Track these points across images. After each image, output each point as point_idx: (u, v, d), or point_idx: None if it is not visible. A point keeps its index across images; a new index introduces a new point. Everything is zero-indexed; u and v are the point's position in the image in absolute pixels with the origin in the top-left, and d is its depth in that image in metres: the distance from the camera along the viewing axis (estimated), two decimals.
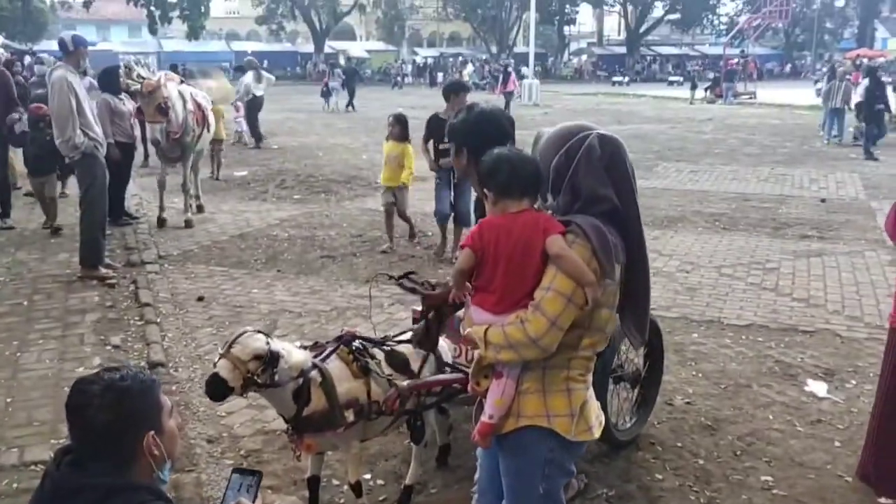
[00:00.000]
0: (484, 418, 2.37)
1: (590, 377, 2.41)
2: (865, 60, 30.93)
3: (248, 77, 16.29)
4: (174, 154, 9.07)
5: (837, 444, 4.22)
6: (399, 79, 47.49)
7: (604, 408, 3.63)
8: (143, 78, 8.25)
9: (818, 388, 4.94)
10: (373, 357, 3.18)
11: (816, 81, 26.28)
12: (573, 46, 70.47)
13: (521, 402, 2.34)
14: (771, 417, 4.54)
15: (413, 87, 45.12)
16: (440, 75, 47.88)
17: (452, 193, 7.86)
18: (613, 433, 3.96)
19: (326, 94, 28.66)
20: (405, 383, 3.12)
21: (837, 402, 4.75)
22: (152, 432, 1.78)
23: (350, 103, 28.12)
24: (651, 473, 3.92)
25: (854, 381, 5.04)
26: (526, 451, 2.37)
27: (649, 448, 4.16)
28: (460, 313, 2.42)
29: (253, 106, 16.45)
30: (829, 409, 4.66)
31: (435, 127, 7.66)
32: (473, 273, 2.36)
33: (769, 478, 3.88)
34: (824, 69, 27.70)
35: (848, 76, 18.99)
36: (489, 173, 2.35)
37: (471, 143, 2.96)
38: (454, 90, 7.74)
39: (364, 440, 3.31)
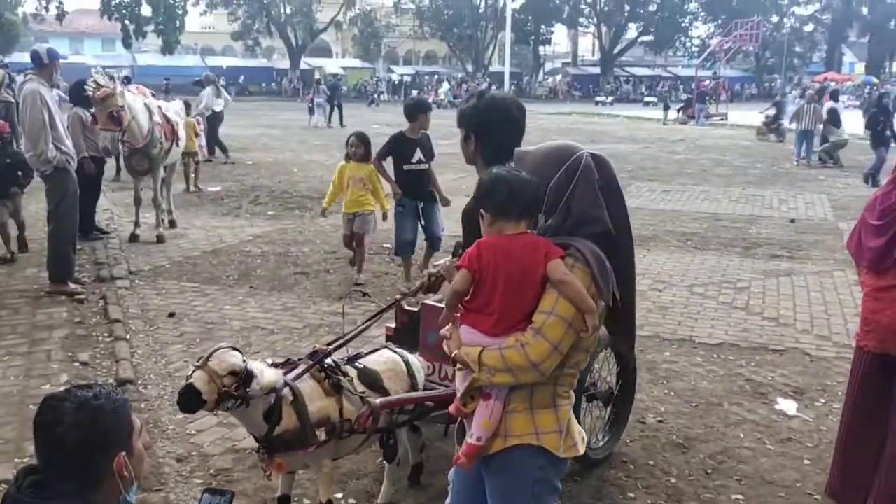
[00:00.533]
0: (471, 440, 2.33)
1: (573, 393, 2.42)
2: (832, 84, 31.55)
3: (207, 92, 16.21)
4: (142, 167, 8.98)
5: (807, 462, 4.26)
6: (375, 96, 47.58)
7: None
8: (101, 85, 8.10)
9: (788, 406, 4.98)
10: (345, 374, 3.16)
11: (766, 109, 26.83)
12: (548, 66, 71.14)
13: (509, 422, 2.32)
14: (742, 436, 4.57)
15: (389, 104, 45.18)
16: (415, 93, 48.07)
17: (421, 221, 7.40)
18: (587, 452, 3.95)
19: (312, 110, 28.79)
20: (378, 401, 3.11)
21: (807, 420, 4.80)
22: (123, 453, 1.74)
23: (340, 119, 28.33)
24: (623, 492, 3.92)
25: (823, 400, 5.09)
26: (515, 470, 2.36)
27: (622, 466, 4.17)
28: (445, 331, 2.37)
29: (213, 121, 16.39)
30: (799, 427, 4.71)
31: (401, 146, 7.27)
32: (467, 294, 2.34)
33: (740, 496, 3.90)
34: (794, 92, 28.21)
35: (817, 100, 19.37)
36: (487, 193, 2.32)
37: (479, 129, 2.96)
38: (421, 110, 7.32)
39: (336, 459, 3.28)
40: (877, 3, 62.11)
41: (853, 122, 22.55)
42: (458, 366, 2.33)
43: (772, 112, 25.44)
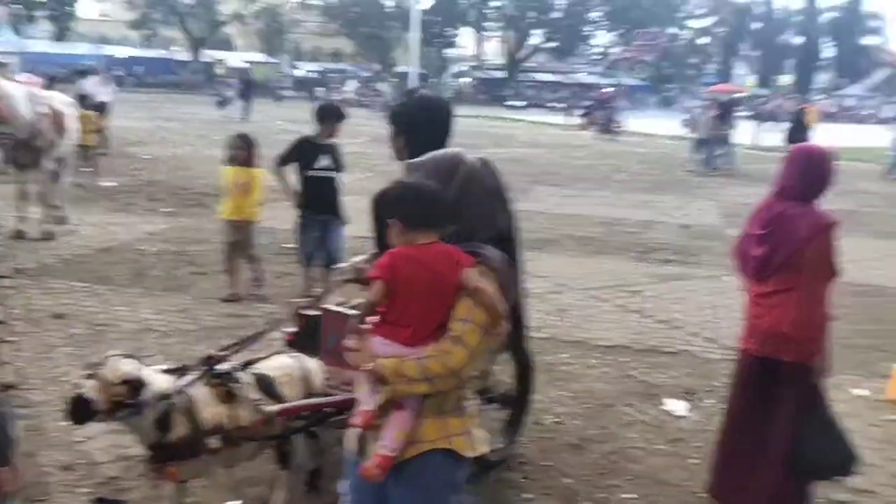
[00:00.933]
0: (385, 452, 2.31)
1: (474, 394, 2.46)
2: (737, 96, 33.06)
3: (90, 82, 15.59)
4: (25, 160, 8.56)
5: (695, 461, 4.42)
6: (280, 92, 46.79)
7: None
8: None
9: (677, 406, 5.18)
10: (239, 381, 3.09)
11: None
12: (454, 68, 71.64)
13: (421, 429, 2.33)
14: (634, 436, 4.72)
15: (294, 100, 44.51)
16: (321, 90, 47.57)
17: (323, 235, 6.64)
18: (486, 454, 4.01)
19: (222, 103, 28.10)
20: (273, 408, 3.05)
21: (695, 420, 5.00)
22: (6, 468, 1.65)
23: (248, 112, 27.67)
24: (520, 493, 3.99)
25: (710, 400, 5.31)
26: (428, 475, 2.37)
27: (519, 468, 4.24)
28: (352, 343, 2.35)
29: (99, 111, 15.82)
30: (688, 427, 4.90)
31: (306, 151, 6.56)
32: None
33: (632, 495, 4.03)
34: (696, 102, 29.43)
35: (710, 110, 20.31)
36: (397, 203, 2.32)
37: (408, 127, 2.97)
38: (334, 117, 6.66)
39: (230, 466, 3.21)
40: (767, 19, 65.47)
41: (744, 133, 23.64)
42: (366, 378, 2.32)
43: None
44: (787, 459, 3.56)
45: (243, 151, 6.81)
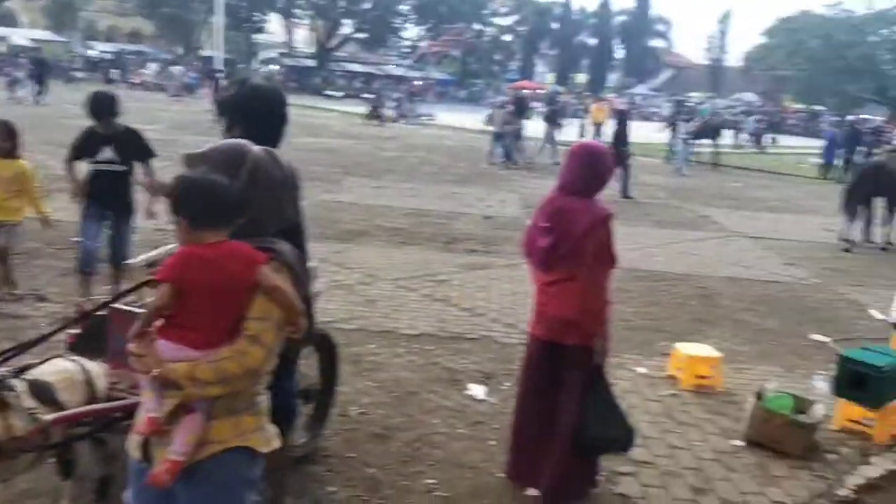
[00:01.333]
0: (175, 457, 2.21)
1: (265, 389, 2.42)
2: (526, 91, 34.51)
3: None
4: None
5: (493, 443, 4.62)
6: (71, 73, 43.41)
7: (291, 427, 3.63)
8: None
9: (478, 391, 5.38)
10: (11, 389, 2.84)
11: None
12: (263, 55, 69.76)
13: (214, 429, 2.26)
14: (437, 422, 4.85)
15: (87, 82, 41.42)
16: (116, 72, 44.73)
17: (112, 229, 6.27)
18: (290, 449, 3.96)
19: (13, 83, 25.81)
20: (50, 416, 2.84)
21: (494, 403, 5.21)
22: None
23: (41, 94, 25.59)
24: (324, 486, 3.99)
25: (508, 384, 5.54)
26: (222, 475, 2.30)
27: (323, 461, 4.23)
28: (136, 349, 2.23)
29: None
30: (487, 410, 5.10)
31: (91, 143, 6.12)
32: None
33: (433, 480, 4.14)
34: (499, 98, 30.57)
35: (506, 105, 21.18)
36: (183, 200, 2.20)
37: (240, 118, 2.83)
38: (112, 113, 6.15)
39: (6, 480, 2.96)
40: (565, 20, 69.21)
41: (542, 128, 24.82)
42: (152, 383, 2.21)
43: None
44: (574, 437, 3.81)
45: (6, 142, 6.18)
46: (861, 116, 35.84)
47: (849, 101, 50.38)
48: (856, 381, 4.96)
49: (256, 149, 2.33)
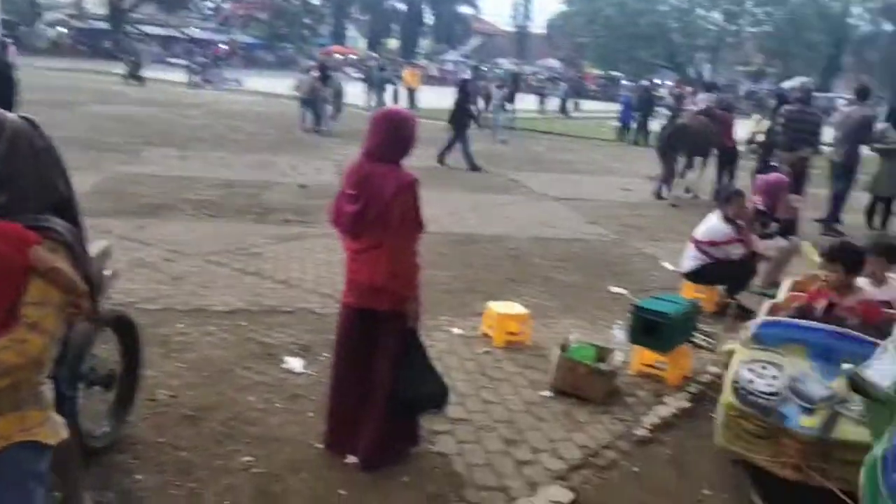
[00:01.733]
0: None
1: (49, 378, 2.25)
2: (338, 56, 34.15)
3: None
4: None
5: (311, 415, 4.57)
6: None
7: (74, 416, 3.40)
8: None
9: (295, 364, 5.29)
10: None
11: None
12: (49, 16, 63.98)
13: None
14: (252, 399, 4.72)
15: None
16: None
17: None
18: (88, 441, 3.73)
19: None
20: None
21: (312, 375, 5.15)
22: None
23: None
24: (131, 475, 3.78)
25: (327, 355, 5.46)
26: (10, 472, 2.11)
27: (130, 449, 4.00)
28: None
29: None
30: (305, 382, 5.03)
31: None
32: None
33: (250, 457, 4.04)
34: (310, 62, 29.90)
35: (312, 71, 20.91)
36: None
37: None
38: None
39: None
40: None
41: (354, 94, 24.73)
42: None
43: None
44: (388, 400, 3.85)
45: None
46: (654, 81, 38.46)
47: (643, 67, 53.93)
48: (648, 329, 5.36)
49: (13, 116, 2.10)
